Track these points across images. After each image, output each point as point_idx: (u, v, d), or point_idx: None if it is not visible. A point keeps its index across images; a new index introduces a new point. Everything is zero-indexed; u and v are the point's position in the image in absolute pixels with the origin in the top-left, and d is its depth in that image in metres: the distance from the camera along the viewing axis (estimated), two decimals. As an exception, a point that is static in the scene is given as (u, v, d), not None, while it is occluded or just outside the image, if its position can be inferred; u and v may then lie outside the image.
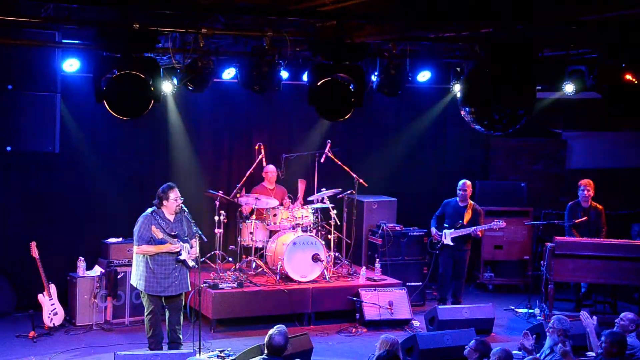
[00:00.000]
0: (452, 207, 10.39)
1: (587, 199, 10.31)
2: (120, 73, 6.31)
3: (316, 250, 9.96)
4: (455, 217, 10.29)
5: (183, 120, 10.72)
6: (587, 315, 7.53)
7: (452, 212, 10.35)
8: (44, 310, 9.17)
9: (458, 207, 10.35)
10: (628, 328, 7.51)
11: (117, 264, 9.67)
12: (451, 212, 10.35)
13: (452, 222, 10.29)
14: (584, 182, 10.36)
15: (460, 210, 10.31)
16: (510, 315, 10.51)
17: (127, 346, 8.68)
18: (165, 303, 8.24)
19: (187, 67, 8.37)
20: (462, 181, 10.39)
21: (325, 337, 9.37)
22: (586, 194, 10.30)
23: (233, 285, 9.58)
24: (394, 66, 8.80)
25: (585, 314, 7.56)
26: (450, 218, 10.33)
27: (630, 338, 7.50)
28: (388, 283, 10.23)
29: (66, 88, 8.76)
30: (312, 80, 7.10)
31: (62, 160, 9.81)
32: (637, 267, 9.86)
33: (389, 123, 12.11)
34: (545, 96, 11.14)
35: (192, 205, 8.75)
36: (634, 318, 7.56)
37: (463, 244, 10.29)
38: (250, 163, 10.61)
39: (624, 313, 7.70)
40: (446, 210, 10.42)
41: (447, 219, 10.35)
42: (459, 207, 10.34)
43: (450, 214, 10.36)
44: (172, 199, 8.08)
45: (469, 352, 6.91)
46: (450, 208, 10.39)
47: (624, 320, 7.52)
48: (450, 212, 10.37)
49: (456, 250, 10.27)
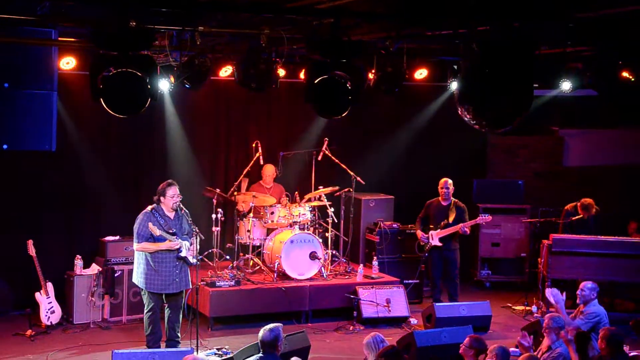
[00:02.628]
0: (435, 207, 10.33)
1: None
2: (117, 71, 6.29)
3: (314, 248, 9.96)
4: (439, 217, 10.24)
5: (180, 118, 10.71)
6: (557, 291, 7.95)
7: (435, 212, 10.30)
8: (41, 309, 9.16)
9: (441, 206, 10.29)
10: (590, 297, 7.94)
11: (114, 262, 9.67)
12: (435, 212, 10.30)
13: (437, 222, 10.25)
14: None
15: (444, 209, 10.25)
16: (507, 313, 10.52)
17: (125, 344, 8.68)
18: (166, 301, 8.24)
19: (184, 65, 8.36)
20: (444, 179, 10.33)
21: (322, 334, 9.38)
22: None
23: (230, 283, 9.58)
24: (390, 64, 8.80)
25: (553, 290, 7.98)
26: (435, 218, 10.28)
27: (593, 306, 7.79)
28: (385, 281, 10.24)
29: (63, 86, 8.72)
30: (309, 78, 7.09)
31: (58, 159, 9.78)
32: (634, 264, 9.88)
33: (386, 121, 12.11)
34: (543, 94, 11.15)
35: (190, 203, 8.75)
36: (593, 286, 8.06)
37: (451, 243, 10.26)
38: (247, 161, 10.61)
39: (583, 283, 8.07)
40: (429, 211, 10.38)
41: (432, 220, 10.31)
42: (442, 206, 10.28)
43: (434, 214, 10.31)
44: (169, 196, 8.09)
45: (464, 350, 6.92)
46: (434, 208, 10.34)
47: (584, 290, 8.02)
48: (433, 212, 10.32)
49: (445, 250, 10.24)
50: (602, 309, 8.06)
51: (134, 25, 6.38)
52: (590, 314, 7.97)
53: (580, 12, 6.28)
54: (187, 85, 8.76)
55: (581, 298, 8.01)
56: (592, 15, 6.41)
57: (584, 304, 8.08)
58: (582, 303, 8.07)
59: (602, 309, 8.08)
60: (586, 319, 7.95)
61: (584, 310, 8.07)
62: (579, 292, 8.07)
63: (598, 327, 7.91)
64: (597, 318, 7.94)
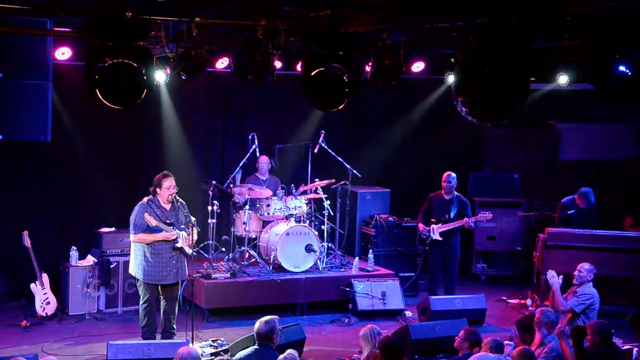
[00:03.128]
0: (438, 200, 10.27)
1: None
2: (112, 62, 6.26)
3: (309, 240, 9.96)
4: (441, 211, 10.20)
5: (176, 110, 10.69)
6: (554, 274, 8.17)
7: (437, 206, 10.23)
8: (37, 300, 9.15)
9: (443, 200, 10.24)
10: (587, 278, 8.12)
11: (110, 253, 9.66)
12: (437, 206, 10.24)
13: (438, 216, 10.21)
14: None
15: (446, 203, 10.21)
16: (502, 306, 10.54)
17: (120, 335, 8.68)
18: (162, 292, 8.24)
19: (180, 56, 8.33)
20: (446, 173, 10.26)
21: (318, 327, 9.39)
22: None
23: (226, 275, 9.58)
24: (388, 56, 8.78)
25: (551, 273, 8.20)
26: (436, 212, 10.23)
27: (588, 288, 7.94)
28: (381, 273, 10.25)
29: (58, 77, 8.71)
30: (305, 70, 7.07)
31: (54, 150, 9.77)
32: (629, 258, 9.90)
33: (383, 114, 12.11)
34: (539, 87, 11.14)
35: (186, 195, 8.74)
36: (591, 268, 8.30)
37: (452, 238, 10.22)
38: (243, 153, 10.59)
39: (581, 264, 8.16)
40: (432, 204, 10.31)
41: (434, 213, 10.28)
42: (445, 200, 10.23)
43: (436, 208, 10.25)
44: (165, 187, 8.08)
45: (459, 343, 6.93)
46: (436, 202, 10.28)
47: (582, 271, 8.23)
48: (436, 206, 10.25)
49: (445, 245, 10.19)
50: (595, 292, 8.20)
51: (130, 16, 6.35)
52: (584, 294, 8.08)
53: (576, 4, 6.28)
54: (183, 77, 8.74)
55: (578, 279, 8.18)
56: (589, 8, 6.40)
57: (579, 285, 8.18)
58: (578, 283, 8.19)
59: (596, 292, 8.22)
60: (580, 300, 8.06)
61: (578, 291, 8.17)
62: (576, 272, 8.23)
63: (589, 310, 8.05)
64: (591, 300, 8.09)
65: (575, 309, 7.93)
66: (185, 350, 5.45)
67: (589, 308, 8.09)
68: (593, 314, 8.16)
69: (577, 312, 7.99)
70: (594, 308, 8.12)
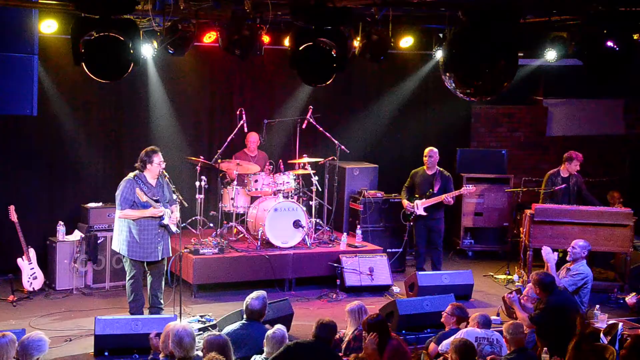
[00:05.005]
0: (421, 176, 10.28)
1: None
2: (99, 35, 6.20)
3: (297, 216, 9.96)
4: (424, 186, 10.21)
5: (163, 84, 10.61)
6: (549, 250, 8.20)
7: (421, 181, 10.25)
8: (24, 275, 9.13)
9: (426, 175, 10.25)
10: (580, 254, 8.17)
11: (97, 228, 9.63)
12: (420, 181, 10.25)
13: (422, 191, 10.21)
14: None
15: (429, 178, 10.22)
16: (489, 282, 10.61)
17: (108, 311, 8.68)
18: (148, 268, 8.23)
19: (167, 30, 8.26)
20: (429, 148, 10.26)
21: (305, 302, 9.42)
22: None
23: (214, 250, 9.58)
24: (376, 31, 8.73)
25: (547, 249, 8.21)
26: (420, 187, 10.24)
27: (582, 266, 8.00)
28: (369, 249, 10.28)
29: (44, 50, 8.63)
30: (293, 45, 7.02)
31: (40, 124, 9.70)
32: (614, 233, 9.97)
33: (371, 89, 12.06)
34: (527, 63, 11.13)
35: (173, 170, 8.73)
36: (585, 244, 8.32)
37: (436, 212, 10.25)
38: (231, 128, 10.54)
39: (575, 241, 8.25)
40: (415, 179, 10.33)
41: (417, 189, 10.28)
42: (427, 175, 10.24)
43: (419, 183, 10.26)
44: (156, 163, 8.04)
45: (446, 318, 6.99)
46: (419, 177, 10.29)
47: (575, 247, 8.26)
48: (419, 181, 10.27)
49: (430, 219, 10.22)
50: (589, 270, 8.24)
51: (116, -11, 6.28)
52: (577, 274, 8.11)
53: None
54: (170, 51, 8.67)
55: (571, 255, 8.22)
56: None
57: (573, 261, 8.22)
58: (572, 260, 8.23)
59: (589, 270, 8.27)
60: (573, 279, 8.09)
61: (572, 268, 8.21)
62: (570, 249, 8.27)
63: (582, 290, 8.06)
64: (585, 280, 8.12)
65: (569, 289, 7.87)
66: (181, 327, 5.41)
67: (582, 288, 8.08)
68: (586, 295, 8.14)
69: (570, 291, 7.92)
70: (587, 287, 8.11)
